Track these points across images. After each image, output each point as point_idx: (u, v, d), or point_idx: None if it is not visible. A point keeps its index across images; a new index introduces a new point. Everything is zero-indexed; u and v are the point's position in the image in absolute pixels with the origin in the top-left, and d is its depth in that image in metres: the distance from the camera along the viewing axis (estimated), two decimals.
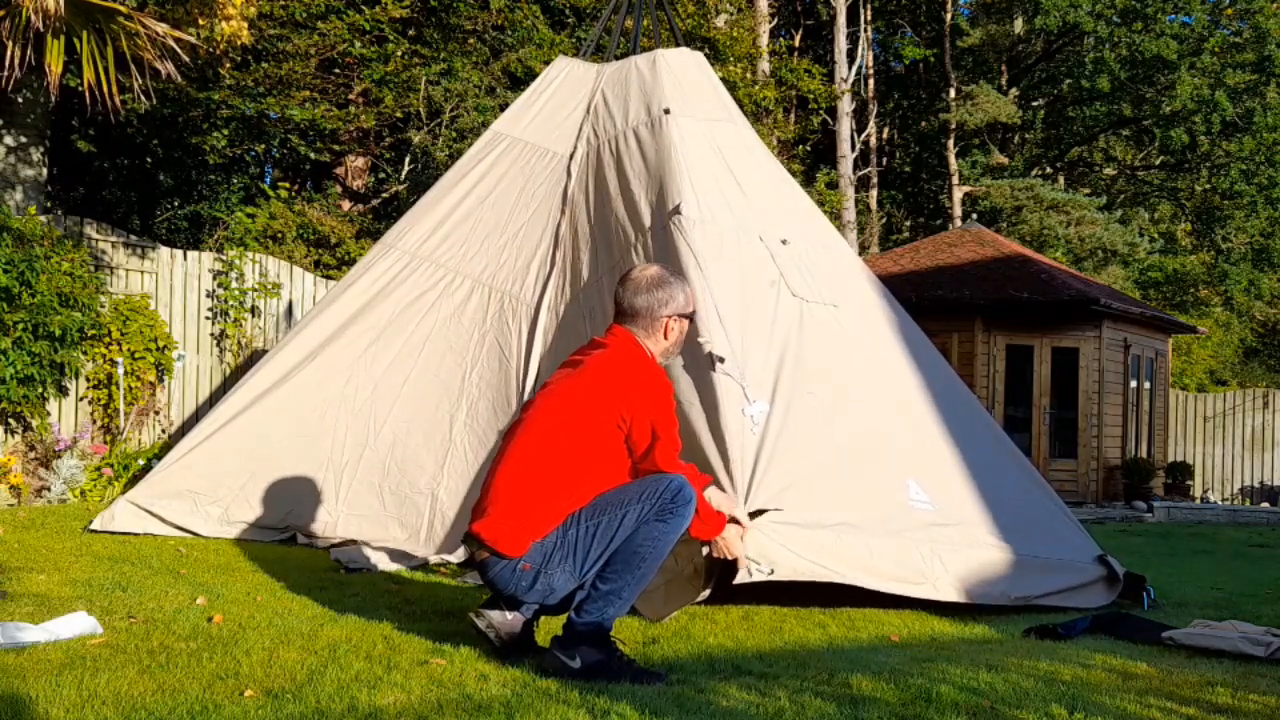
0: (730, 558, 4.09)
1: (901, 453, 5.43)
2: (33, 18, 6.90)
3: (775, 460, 4.87)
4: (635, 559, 3.52)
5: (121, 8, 7.43)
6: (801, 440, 5.06)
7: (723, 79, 15.29)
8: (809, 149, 22.56)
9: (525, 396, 6.11)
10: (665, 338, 3.78)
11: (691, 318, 3.90)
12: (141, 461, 8.29)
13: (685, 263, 5.50)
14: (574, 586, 3.58)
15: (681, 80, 6.61)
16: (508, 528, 3.55)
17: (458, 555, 5.76)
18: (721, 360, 5.07)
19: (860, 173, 24.41)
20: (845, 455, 5.20)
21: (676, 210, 5.73)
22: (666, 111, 6.32)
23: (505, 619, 3.69)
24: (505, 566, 3.55)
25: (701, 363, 5.13)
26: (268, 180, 16.23)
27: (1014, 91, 26.25)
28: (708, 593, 4.64)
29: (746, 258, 5.78)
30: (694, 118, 6.42)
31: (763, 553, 4.51)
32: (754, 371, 5.19)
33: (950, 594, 4.92)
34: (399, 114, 13.67)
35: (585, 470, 3.59)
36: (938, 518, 5.17)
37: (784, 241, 6.00)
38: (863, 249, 23.83)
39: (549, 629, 3.95)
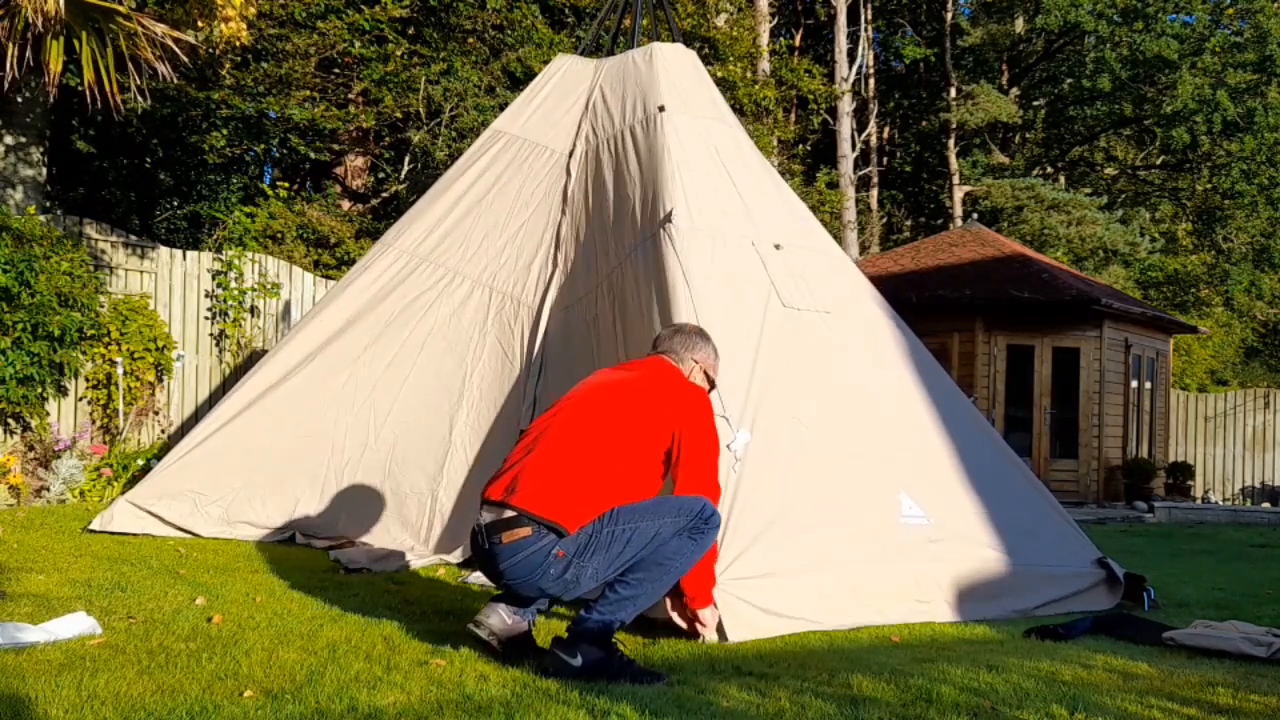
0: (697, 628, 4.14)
1: (893, 466, 5.29)
2: (32, 18, 6.89)
3: (752, 501, 4.67)
4: (660, 570, 3.60)
5: (120, 8, 7.42)
6: (781, 472, 4.88)
7: (723, 78, 15.14)
8: (809, 149, 22.56)
9: (529, 399, 6.08)
10: (689, 378, 4.06)
11: (712, 383, 4.20)
12: (141, 462, 8.29)
13: (673, 275, 5.36)
14: (596, 584, 3.59)
15: (677, 76, 6.53)
16: (563, 501, 3.53)
17: (457, 555, 5.75)
18: None
19: (861, 172, 24.40)
20: (830, 476, 5.05)
21: (668, 218, 5.63)
22: (661, 109, 6.24)
23: (506, 624, 3.67)
24: (538, 551, 3.50)
25: None
26: (267, 180, 16.22)
27: (1015, 91, 26.25)
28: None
29: (737, 267, 5.67)
30: (689, 115, 6.33)
31: (728, 609, 4.25)
32: (738, 392, 5.03)
33: (946, 615, 4.85)
34: (399, 114, 13.66)
35: (627, 470, 3.66)
36: (933, 532, 5.07)
37: (777, 247, 5.89)
38: (863, 249, 23.83)
39: (548, 631, 3.95)
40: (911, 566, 4.89)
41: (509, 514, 3.56)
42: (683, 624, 4.11)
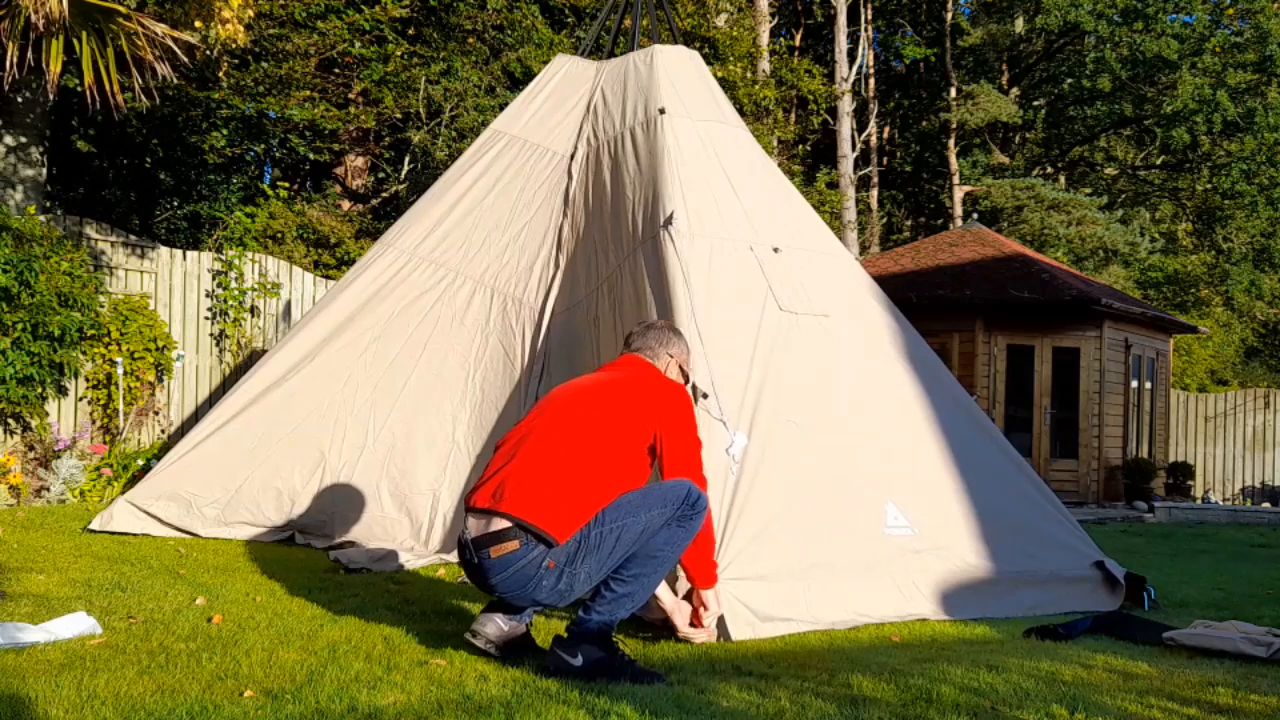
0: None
1: (884, 475, 5.26)
2: (34, 18, 6.88)
3: (749, 504, 4.69)
4: (654, 562, 3.60)
5: (121, 8, 7.42)
6: (777, 475, 4.88)
7: (723, 79, 15.12)
8: (809, 149, 22.55)
9: (531, 400, 6.07)
10: (665, 374, 4.06)
11: (686, 377, 4.21)
12: (141, 462, 8.29)
13: (673, 279, 5.34)
14: (591, 587, 3.59)
15: (677, 79, 6.51)
16: (552, 508, 3.51)
17: (457, 555, 5.74)
18: (705, 396, 4.94)
19: (861, 172, 24.39)
20: (823, 484, 5.03)
21: (669, 221, 5.60)
22: (662, 111, 6.22)
23: (503, 630, 3.67)
24: (530, 564, 3.49)
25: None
26: (267, 180, 16.23)
27: (1015, 91, 26.27)
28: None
29: (735, 271, 5.63)
30: (690, 118, 6.30)
31: (726, 607, 4.25)
32: (734, 397, 5.01)
33: (937, 615, 4.88)
34: (399, 114, 13.66)
35: (613, 471, 3.65)
36: (916, 543, 5.06)
37: (775, 250, 5.85)
38: (863, 249, 23.83)
39: (548, 630, 3.95)
40: (892, 579, 4.89)
41: (497, 523, 3.52)
42: (679, 621, 4.07)
